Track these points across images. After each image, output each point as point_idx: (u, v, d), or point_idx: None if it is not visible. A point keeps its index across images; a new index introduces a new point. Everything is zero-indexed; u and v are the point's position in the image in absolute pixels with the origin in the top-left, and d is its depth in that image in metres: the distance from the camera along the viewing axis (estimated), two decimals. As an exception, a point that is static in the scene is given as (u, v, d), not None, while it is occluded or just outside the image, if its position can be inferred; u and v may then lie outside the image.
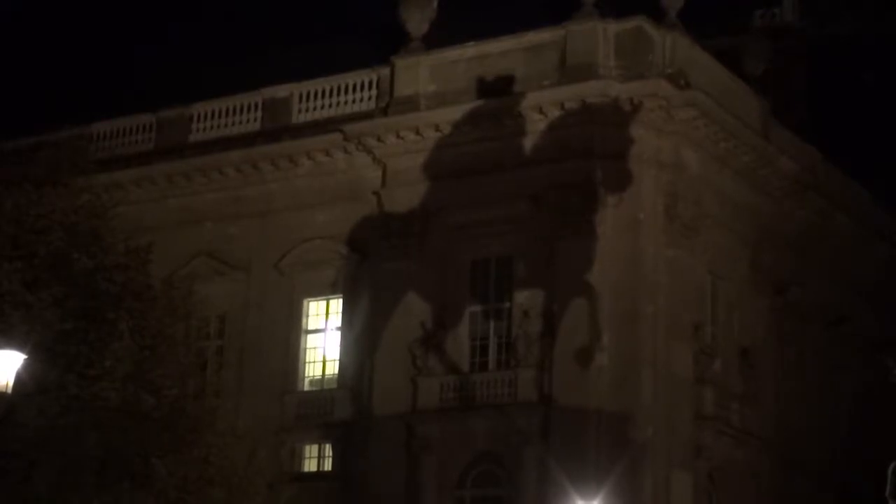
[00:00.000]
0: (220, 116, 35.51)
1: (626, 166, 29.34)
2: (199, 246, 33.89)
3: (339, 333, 32.77)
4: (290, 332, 32.97)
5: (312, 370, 33.09)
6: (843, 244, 35.73)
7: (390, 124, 32.07)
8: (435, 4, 32.03)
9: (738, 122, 31.85)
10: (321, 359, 32.99)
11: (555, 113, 30.21)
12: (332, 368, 32.76)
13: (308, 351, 33.21)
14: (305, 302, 33.20)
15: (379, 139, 32.12)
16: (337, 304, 32.93)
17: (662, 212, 30.09)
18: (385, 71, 32.99)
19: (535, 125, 30.50)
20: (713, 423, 29.86)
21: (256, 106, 35.04)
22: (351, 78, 33.86)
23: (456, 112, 31.27)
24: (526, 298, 29.79)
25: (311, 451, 32.51)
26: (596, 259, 29.06)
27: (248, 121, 35.06)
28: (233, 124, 35.23)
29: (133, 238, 25.65)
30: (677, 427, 28.91)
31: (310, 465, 32.50)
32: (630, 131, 30.02)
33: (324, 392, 32.53)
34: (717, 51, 32.92)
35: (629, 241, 29.71)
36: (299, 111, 34.40)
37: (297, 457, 32.39)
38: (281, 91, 34.77)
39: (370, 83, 33.45)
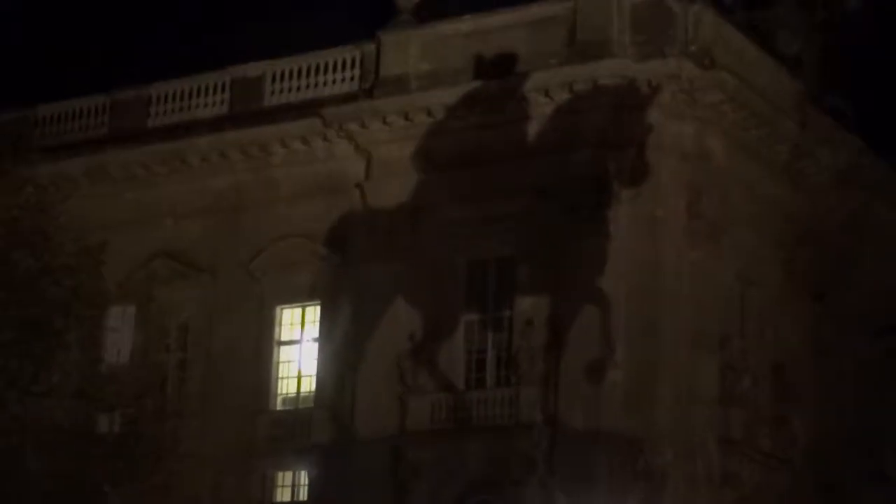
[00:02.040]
0: (182, 98, 35.68)
1: (644, 157, 29.42)
2: (158, 246, 34.10)
3: (316, 345, 32.82)
4: (262, 344, 33.09)
5: (286, 387, 33.12)
6: (888, 244, 35.68)
7: (376, 108, 32.19)
8: (426, -29, 32.13)
9: (771, 107, 31.95)
10: (296, 374, 33.03)
11: (563, 96, 30.33)
12: (309, 385, 32.77)
13: (281, 365, 33.23)
14: (279, 309, 33.32)
15: (363, 125, 32.27)
16: (314, 312, 32.99)
17: (684, 209, 30.32)
18: (370, 48, 33.10)
19: (541, 110, 30.66)
20: (741, 447, 29.90)
21: (224, 86, 35.23)
22: (331, 55, 33.92)
23: (451, 95, 31.39)
24: (529, 306, 29.95)
25: (284, 478, 32.61)
26: (609, 262, 29.16)
27: (214, 103, 35.25)
28: (197, 107, 35.42)
29: (84, 237, 25.71)
30: (700, 452, 29.08)
31: (283, 494, 32.58)
32: (648, 117, 29.84)
33: (299, 412, 32.52)
34: (747, 26, 33.09)
35: (647, 241, 29.87)
36: (272, 93, 34.58)
37: (270, 484, 32.50)
38: (252, 70, 34.93)
39: (353, 61, 33.55)
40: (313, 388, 32.57)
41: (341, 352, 31.72)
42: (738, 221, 31.26)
